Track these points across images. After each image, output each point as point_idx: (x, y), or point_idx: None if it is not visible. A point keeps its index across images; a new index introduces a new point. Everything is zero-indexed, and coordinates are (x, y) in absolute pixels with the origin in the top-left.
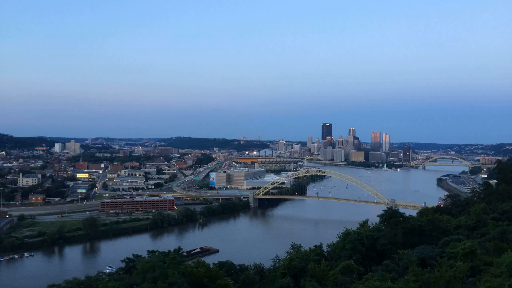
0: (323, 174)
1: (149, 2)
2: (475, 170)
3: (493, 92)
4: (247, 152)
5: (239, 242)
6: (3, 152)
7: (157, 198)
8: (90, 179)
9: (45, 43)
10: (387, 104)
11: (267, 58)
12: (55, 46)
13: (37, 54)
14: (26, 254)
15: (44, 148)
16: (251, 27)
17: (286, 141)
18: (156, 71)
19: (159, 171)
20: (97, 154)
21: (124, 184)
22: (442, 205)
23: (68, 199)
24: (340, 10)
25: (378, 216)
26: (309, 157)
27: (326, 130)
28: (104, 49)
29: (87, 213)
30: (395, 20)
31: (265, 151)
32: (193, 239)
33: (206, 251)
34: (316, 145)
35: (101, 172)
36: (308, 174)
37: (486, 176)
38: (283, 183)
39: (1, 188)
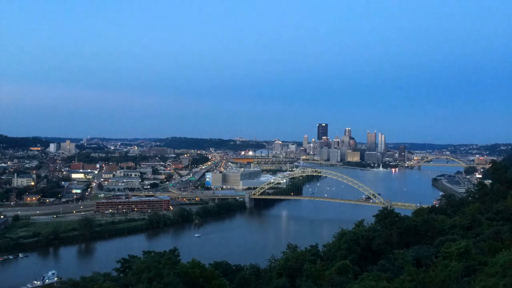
0: (319, 174)
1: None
2: (470, 170)
3: (488, 92)
4: (243, 152)
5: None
6: None
7: (153, 198)
8: (85, 180)
9: (40, 43)
10: (383, 104)
11: (262, 57)
12: (51, 46)
13: (32, 53)
14: (20, 255)
15: (39, 148)
16: (249, 23)
17: (282, 141)
18: (153, 70)
19: (155, 171)
20: (93, 154)
21: (120, 184)
22: (437, 205)
23: (63, 200)
24: (335, 9)
25: (373, 216)
26: (305, 157)
27: (322, 130)
28: (100, 48)
29: (82, 213)
30: (391, 19)
31: (261, 151)
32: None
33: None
34: (312, 145)
35: (96, 172)
36: (304, 174)
37: (481, 176)
38: (279, 183)
39: None
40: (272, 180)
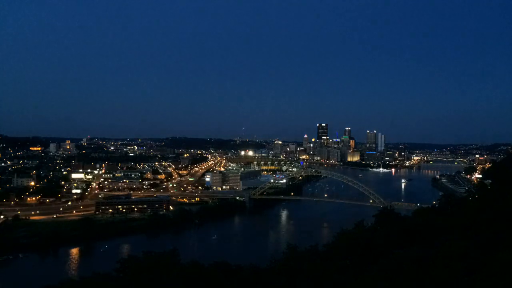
0: (319, 174)
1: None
2: (470, 170)
3: (488, 92)
4: (243, 152)
5: None
6: None
7: (153, 198)
8: (85, 180)
9: (41, 41)
10: (383, 104)
11: (261, 56)
12: (52, 45)
13: (32, 53)
14: (20, 255)
15: (39, 148)
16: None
17: (282, 141)
18: (154, 70)
19: (155, 171)
20: (93, 154)
21: (120, 184)
22: (437, 205)
23: (63, 200)
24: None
25: (373, 216)
26: (305, 157)
27: (322, 130)
28: (101, 47)
29: (82, 213)
30: (391, 19)
31: (261, 151)
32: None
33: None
34: (311, 145)
35: (96, 172)
36: (304, 174)
37: (481, 176)
38: (279, 183)
39: None
40: (272, 180)
